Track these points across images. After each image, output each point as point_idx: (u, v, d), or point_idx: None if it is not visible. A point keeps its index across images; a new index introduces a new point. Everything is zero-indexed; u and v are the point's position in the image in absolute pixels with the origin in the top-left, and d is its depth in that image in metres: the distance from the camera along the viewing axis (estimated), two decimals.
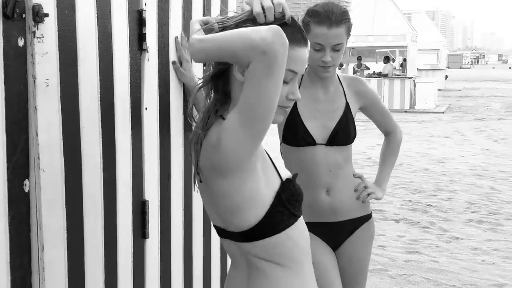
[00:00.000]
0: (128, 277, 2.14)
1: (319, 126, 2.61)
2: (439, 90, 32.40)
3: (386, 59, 23.69)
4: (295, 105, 2.59)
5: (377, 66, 30.49)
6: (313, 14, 2.47)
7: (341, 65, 24.93)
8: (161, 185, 2.33)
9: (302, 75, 2.66)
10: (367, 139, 13.64)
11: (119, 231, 2.06)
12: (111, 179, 1.99)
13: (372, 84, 21.98)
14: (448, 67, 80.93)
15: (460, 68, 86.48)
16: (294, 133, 2.58)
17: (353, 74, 23.68)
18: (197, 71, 2.59)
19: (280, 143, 2.67)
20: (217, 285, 2.93)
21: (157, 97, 2.28)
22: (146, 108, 2.20)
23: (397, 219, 6.78)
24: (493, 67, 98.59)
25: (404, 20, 23.23)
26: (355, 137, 2.69)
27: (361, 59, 25.42)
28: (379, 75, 22.66)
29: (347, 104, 2.67)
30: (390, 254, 5.52)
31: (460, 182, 8.84)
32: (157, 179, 2.30)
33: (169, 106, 2.37)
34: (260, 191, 1.59)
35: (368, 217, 2.73)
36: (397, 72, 24.30)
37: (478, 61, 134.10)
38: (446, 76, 38.08)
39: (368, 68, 24.84)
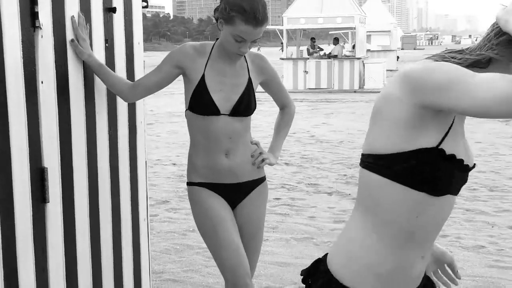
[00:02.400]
0: (28, 241, 2.31)
1: (223, 98, 2.81)
2: (391, 70, 32.97)
3: (336, 41, 24.05)
4: (202, 77, 2.79)
5: (330, 48, 30.89)
6: (240, 11, 2.62)
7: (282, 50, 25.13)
8: (62, 153, 2.49)
9: (212, 50, 2.85)
10: (314, 119, 13.96)
11: (16, 198, 2.22)
12: (5, 148, 2.15)
13: (323, 65, 22.33)
14: (402, 49, 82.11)
15: (414, 49, 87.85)
16: (200, 103, 2.79)
17: (308, 55, 24.04)
18: (96, 51, 2.76)
19: (186, 110, 2.88)
20: (128, 249, 3.12)
21: (54, 71, 2.44)
22: (42, 82, 2.36)
23: (330, 192, 7.06)
24: (446, 48, 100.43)
25: (352, 2, 23.57)
26: (255, 109, 2.92)
27: (314, 41, 25.71)
28: (329, 56, 23.01)
29: (249, 79, 2.88)
30: (318, 224, 5.79)
31: None
32: (57, 148, 2.46)
33: (67, 80, 2.54)
34: (420, 132, 1.44)
35: (262, 179, 2.98)
36: (351, 54, 24.69)
37: (432, 42, 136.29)
38: (398, 57, 38.70)
39: (322, 49, 25.14)
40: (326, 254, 1.68)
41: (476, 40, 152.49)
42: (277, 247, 5.13)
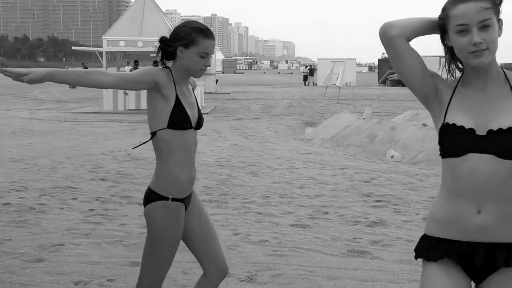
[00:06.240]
0: None
1: (191, 115, 3.28)
2: (210, 93, 34.49)
3: (155, 64, 24.81)
4: (177, 97, 3.21)
5: None
6: (198, 31, 3.15)
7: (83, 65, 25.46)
8: None
9: (172, 75, 3.25)
10: (131, 139, 14.58)
11: None
12: None
13: None
14: (223, 72, 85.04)
15: (235, 72, 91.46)
16: (180, 120, 3.20)
17: None
18: None
19: (160, 130, 3.17)
20: None
21: None
22: None
23: (141, 202, 7.72)
24: (264, 72, 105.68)
25: (171, 27, 24.54)
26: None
27: (138, 64, 26.24)
28: None
29: (195, 97, 3.43)
30: (128, 229, 6.47)
31: (205, 171, 10.12)
32: None
33: None
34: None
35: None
36: None
37: (251, 66, 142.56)
38: (217, 81, 40.43)
39: None
40: None
41: (292, 65, 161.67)
42: (89, 250, 5.72)
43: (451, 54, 2.29)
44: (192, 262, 5.39)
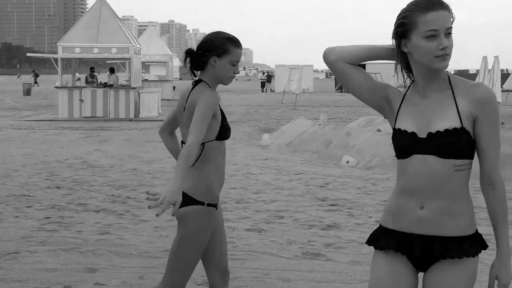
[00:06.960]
0: None
1: None
2: (167, 100, 34.36)
3: (111, 71, 24.69)
4: (222, 112, 3.35)
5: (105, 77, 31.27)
6: (230, 41, 3.31)
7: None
8: None
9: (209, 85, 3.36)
10: (87, 146, 14.49)
11: None
12: None
13: (98, 94, 22.80)
14: (181, 79, 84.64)
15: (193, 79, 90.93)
16: (225, 131, 3.36)
17: (86, 83, 24.35)
18: None
19: (209, 142, 3.28)
20: None
21: None
22: None
23: (97, 210, 7.76)
24: (236, 79, 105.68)
25: (127, 34, 24.43)
26: None
27: (94, 70, 26.02)
28: (105, 85, 23.57)
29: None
30: (84, 236, 6.47)
31: (161, 178, 10.16)
32: None
33: None
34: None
35: None
36: (127, 83, 25.42)
37: None
38: (174, 87, 40.31)
39: (96, 79, 25.50)
40: None
41: (249, 72, 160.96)
42: (45, 257, 5.70)
43: (406, 62, 2.46)
44: (148, 268, 5.45)
